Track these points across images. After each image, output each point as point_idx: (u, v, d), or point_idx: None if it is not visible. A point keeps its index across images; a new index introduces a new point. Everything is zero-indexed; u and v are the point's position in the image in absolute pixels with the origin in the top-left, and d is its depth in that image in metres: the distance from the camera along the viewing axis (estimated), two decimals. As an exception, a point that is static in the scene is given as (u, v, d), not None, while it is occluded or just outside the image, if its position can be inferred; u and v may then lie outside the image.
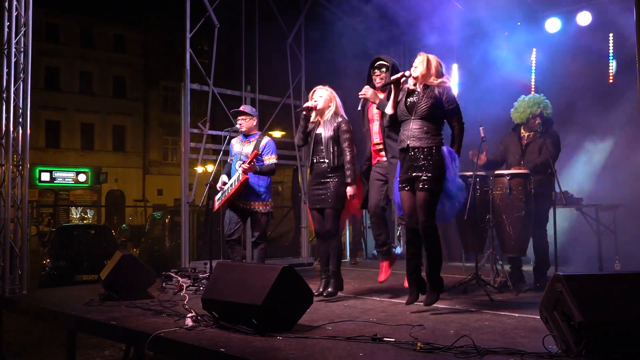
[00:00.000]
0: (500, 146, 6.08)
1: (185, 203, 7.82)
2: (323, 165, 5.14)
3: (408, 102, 4.39)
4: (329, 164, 5.10)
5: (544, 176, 5.60)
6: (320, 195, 5.12)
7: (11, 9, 6.21)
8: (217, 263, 4.35)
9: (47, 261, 12.34)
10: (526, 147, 5.85)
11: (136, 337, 3.99)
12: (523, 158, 5.81)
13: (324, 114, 5.23)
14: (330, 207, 5.07)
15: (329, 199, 5.08)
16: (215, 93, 8.21)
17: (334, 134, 5.12)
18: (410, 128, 4.33)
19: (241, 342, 3.46)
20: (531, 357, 3.00)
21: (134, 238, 15.91)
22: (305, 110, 5.25)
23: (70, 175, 28.15)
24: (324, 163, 5.14)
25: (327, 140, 5.12)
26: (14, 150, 6.22)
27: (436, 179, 4.23)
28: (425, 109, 4.30)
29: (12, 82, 6.19)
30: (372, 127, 5.20)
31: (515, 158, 5.86)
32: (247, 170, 5.54)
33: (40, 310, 5.34)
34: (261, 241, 5.81)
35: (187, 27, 7.86)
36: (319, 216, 5.20)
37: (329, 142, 5.12)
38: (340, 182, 5.09)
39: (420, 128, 4.30)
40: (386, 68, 5.11)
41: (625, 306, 2.95)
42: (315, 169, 5.22)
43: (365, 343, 3.39)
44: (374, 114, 5.16)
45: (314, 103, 5.23)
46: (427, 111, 4.30)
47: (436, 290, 4.36)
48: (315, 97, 5.26)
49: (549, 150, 5.54)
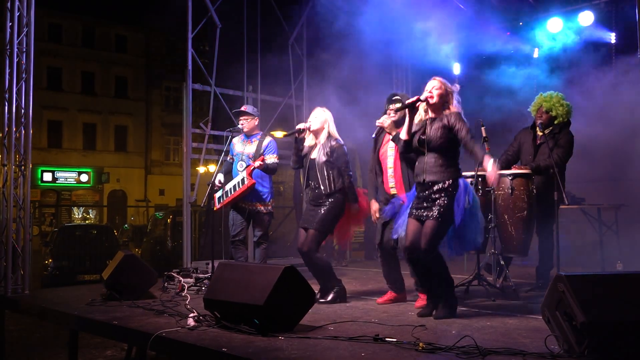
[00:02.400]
0: (515, 143, 5.97)
1: (187, 203, 7.82)
2: (317, 191, 5.10)
3: (420, 138, 4.32)
4: (324, 190, 5.05)
5: (547, 176, 5.57)
6: (310, 216, 5.09)
7: (13, 9, 6.21)
8: (219, 263, 4.35)
9: (49, 261, 12.37)
10: (539, 147, 5.77)
11: (138, 337, 4.00)
12: (534, 158, 5.75)
13: (319, 135, 5.18)
14: (314, 229, 5.00)
15: (316, 219, 5.02)
16: (217, 93, 8.21)
17: (327, 159, 5.06)
18: (425, 162, 4.27)
19: (243, 342, 3.47)
20: (533, 358, 3.00)
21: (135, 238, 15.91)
22: (297, 132, 5.20)
23: (73, 175, 28.20)
24: (318, 188, 5.09)
25: (322, 165, 5.07)
26: (16, 150, 6.22)
27: (449, 210, 4.14)
28: (437, 142, 4.21)
29: (15, 82, 6.19)
30: (387, 162, 4.99)
31: (529, 158, 5.77)
32: (259, 168, 5.57)
33: (42, 310, 5.34)
34: (263, 241, 5.83)
35: (189, 28, 7.86)
36: (304, 234, 5.12)
37: (324, 168, 5.06)
38: (335, 205, 5.04)
39: (435, 161, 4.23)
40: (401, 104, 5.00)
41: (627, 306, 2.95)
42: (311, 193, 5.19)
43: (367, 343, 3.40)
44: (389, 148, 4.99)
45: (307, 124, 5.19)
46: (438, 144, 4.21)
47: (448, 305, 4.27)
48: (311, 118, 5.21)
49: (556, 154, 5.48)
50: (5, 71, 6.17)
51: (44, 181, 27.23)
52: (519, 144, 5.94)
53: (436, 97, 4.27)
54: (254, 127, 6.00)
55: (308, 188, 5.23)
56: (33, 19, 6.33)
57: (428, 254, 4.15)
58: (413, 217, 4.28)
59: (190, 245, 7.84)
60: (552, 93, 5.77)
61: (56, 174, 27.63)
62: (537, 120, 5.74)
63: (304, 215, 5.26)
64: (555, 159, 5.42)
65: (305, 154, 5.25)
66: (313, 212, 5.09)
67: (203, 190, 6.36)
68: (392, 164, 4.99)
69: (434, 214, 4.13)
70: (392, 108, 4.97)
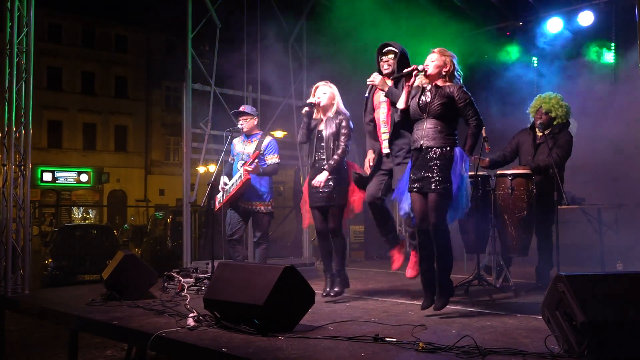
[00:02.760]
0: (513, 141, 5.98)
1: (187, 203, 7.83)
2: (324, 163, 5.10)
3: (420, 102, 4.31)
4: (329, 161, 5.06)
5: (547, 176, 5.58)
6: (322, 194, 5.07)
7: (13, 9, 6.22)
8: (218, 263, 4.35)
9: (49, 261, 12.36)
10: (537, 147, 5.78)
11: (138, 337, 4.00)
12: (534, 158, 5.76)
13: (327, 111, 5.19)
14: (335, 205, 5.04)
15: (332, 196, 5.04)
16: (217, 93, 8.21)
17: (335, 131, 5.09)
18: (424, 127, 4.26)
19: (243, 342, 3.47)
20: (533, 357, 3.00)
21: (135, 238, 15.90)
22: (309, 106, 5.19)
23: (72, 175, 28.20)
24: (324, 160, 5.10)
25: (329, 137, 5.10)
26: (16, 150, 6.22)
27: (448, 179, 4.16)
28: (438, 108, 4.22)
29: (15, 82, 6.19)
30: (380, 115, 5.00)
31: (527, 159, 5.79)
32: (251, 172, 5.56)
33: (42, 310, 5.35)
34: (263, 241, 5.82)
35: (189, 28, 7.87)
36: (320, 215, 5.16)
37: (330, 140, 5.09)
38: (341, 179, 5.07)
39: (434, 127, 4.23)
40: (394, 54, 4.91)
41: (627, 306, 2.95)
42: (316, 167, 5.17)
43: (367, 343, 3.39)
44: (380, 102, 4.99)
45: (317, 99, 5.17)
46: (439, 110, 4.22)
47: (446, 294, 4.29)
48: (319, 94, 5.19)
49: (555, 154, 5.50)
50: (5, 71, 6.17)
51: (44, 181, 27.22)
52: (517, 143, 5.95)
53: (432, 68, 4.28)
54: (253, 127, 6.00)
55: (313, 161, 5.19)
56: (33, 19, 6.33)
57: (438, 227, 4.19)
58: (415, 191, 4.28)
59: (190, 245, 7.84)
60: (550, 94, 5.79)
61: (56, 174, 27.63)
62: (537, 121, 5.75)
63: (312, 195, 5.18)
64: (555, 158, 5.43)
65: (313, 127, 5.24)
66: (324, 189, 5.05)
67: (203, 190, 6.37)
68: (385, 118, 4.96)
69: (435, 186, 4.15)
70: (385, 60, 4.94)
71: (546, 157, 5.53)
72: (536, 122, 5.76)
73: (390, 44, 4.98)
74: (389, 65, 4.92)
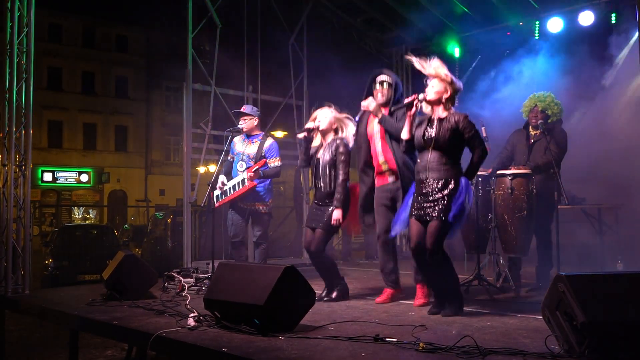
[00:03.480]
0: (508, 146, 6.01)
1: (188, 203, 7.83)
2: (322, 190, 5.13)
3: (425, 134, 4.28)
4: (325, 189, 5.09)
5: (547, 176, 5.59)
6: (317, 216, 5.12)
7: (13, 9, 6.21)
8: (219, 263, 4.35)
9: (50, 261, 12.36)
10: (532, 146, 5.80)
11: (138, 337, 4.00)
12: (529, 157, 5.78)
13: (326, 135, 5.18)
14: (322, 228, 5.04)
15: (323, 220, 5.05)
16: (217, 93, 8.21)
17: (331, 158, 5.07)
18: (428, 159, 4.25)
19: (243, 342, 3.47)
20: (533, 358, 3.00)
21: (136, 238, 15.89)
22: (307, 131, 5.18)
23: (73, 176, 28.20)
24: (323, 188, 5.12)
25: (325, 165, 5.10)
26: (17, 150, 6.22)
27: (450, 209, 4.13)
28: (444, 141, 4.20)
29: (15, 82, 6.19)
30: (375, 146, 5.00)
31: (522, 158, 5.81)
32: (252, 178, 5.59)
33: (42, 310, 5.35)
34: (263, 241, 5.83)
35: (189, 28, 7.87)
36: (311, 234, 5.16)
37: (326, 168, 5.09)
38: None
39: (439, 160, 4.21)
40: (388, 84, 4.95)
41: (627, 306, 2.95)
42: (316, 193, 5.24)
43: (367, 343, 3.39)
44: (375, 132, 4.99)
45: (315, 124, 5.16)
46: (446, 143, 4.20)
47: (455, 304, 4.30)
48: (319, 118, 5.17)
49: (552, 151, 5.52)
50: (6, 71, 6.16)
51: (44, 181, 27.23)
52: (512, 145, 5.98)
53: (433, 94, 4.27)
54: (254, 127, 6.00)
55: (315, 187, 5.24)
56: (33, 19, 6.33)
57: (434, 254, 4.15)
58: (415, 218, 4.28)
59: (190, 245, 7.84)
60: (544, 93, 5.85)
61: (56, 174, 27.64)
62: (532, 120, 5.79)
63: (309, 214, 5.28)
64: (553, 156, 5.45)
65: (313, 154, 5.24)
66: (319, 212, 5.12)
67: (203, 190, 6.37)
68: (380, 141, 4.96)
69: (437, 214, 4.13)
70: (379, 89, 4.95)
71: (543, 155, 5.57)
72: (531, 121, 5.81)
73: (385, 73, 5.03)
74: (382, 94, 4.95)
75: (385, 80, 4.97)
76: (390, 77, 5.00)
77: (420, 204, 4.25)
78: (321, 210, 5.12)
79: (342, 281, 5.22)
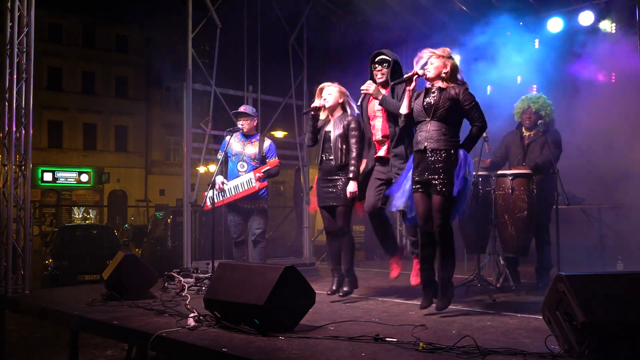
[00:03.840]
0: (502, 146, 6.05)
1: (188, 203, 7.83)
2: (331, 164, 5.06)
3: (425, 103, 4.30)
4: (336, 162, 5.01)
5: (547, 176, 5.60)
6: (330, 193, 5.04)
7: (13, 9, 6.21)
8: (219, 263, 4.35)
9: (50, 261, 12.36)
10: (528, 146, 5.83)
11: (138, 337, 4.00)
12: (525, 158, 5.80)
13: (334, 111, 5.13)
14: (342, 205, 4.99)
15: (340, 196, 4.99)
16: (217, 93, 8.21)
17: (343, 132, 5.02)
18: (428, 129, 4.26)
19: (243, 342, 3.47)
20: (533, 358, 3.00)
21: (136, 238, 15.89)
22: (314, 110, 5.14)
23: (73, 176, 28.20)
24: (332, 161, 5.06)
25: (336, 138, 5.02)
26: (17, 150, 6.22)
27: (451, 181, 4.17)
28: (443, 110, 4.22)
29: (15, 83, 6.19)
30: (375, 124, 5.02)
31: (517, 158, 5.85)
32: (261, 179, 5.61)
33: (42, 310, 5.35)
34: (261, 239, 5.85)
35: (189, 28, 7.86)
36: (328, 214, 5.13)
37: (338, 140, 5.01)
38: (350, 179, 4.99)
39: (439, 130, 4.23)
40: (388, 63, 4.94)
41: (627, 306, 2.95)
42: (323, 167, 5.14)
43: (367, 343, 3.40)
44: (375, 110, 5.00)
45: (322, 102, 5.12)
46: (445, 113, 4.23)
47: (448, 294, 4.32)
48: (324, 95, 5.12)
49: (550, 150, 5.53)
50: (6, 71, 6.16)
51: (44, 181, 27.23)
52: (505, 146, 6.01)
53: (432, 70, 4.30)
54: (252, 128, 6.03)
55: (320, 160, 5.14)
56: (33, 19, 6.32)
57: (444, 228, 4.21)
58: (419, 192, 4.29)
59: (190, 245, 7.84)
60: (536, 95, 5.94)
61: (56, 174, 27.63)
62: (526, 122, 5.85)
63: (320, 193, 5.15)
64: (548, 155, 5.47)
65: (320, 128, 5.18)
66: (332, 189, 5.03)
67: (203, 190, 6.38)
68: (380, 126, 4.97)
69: (441, 188, 4.17)
70: (379, 69, 4.95)
71: (538, 156, 5.62)
72: (524, 122, 5.85)
73: (384, 52, 5.02)
74: (382, 74, 4.95)
75: (385, 59, 4.96)
76: (389, 55, 4.98)
77: (421, 177, 4.26)
78: (333, 185, 5.03)
79: (354, 272, 5.16)
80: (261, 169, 5.69)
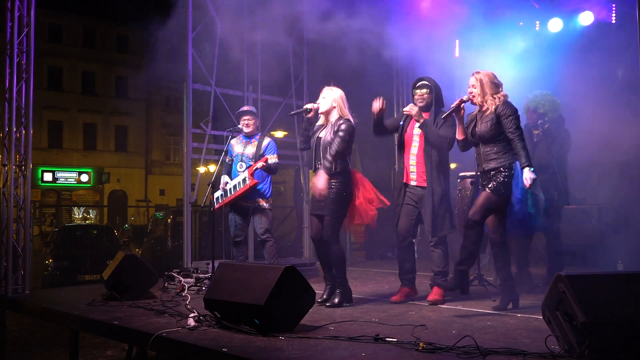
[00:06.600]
0: None
1: (188, 203, 7.83)
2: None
3: (472, 131, 4.55)
4: (326, 170, 4.79)
5: (549, 175, 5.59)
6: (320, 203, 4.86)
7: (13, 9, 6.21)
8: (219, 263, 4.35)
9: (50, 261, 12.36)
10: (535, 146, 5.79)
11: (139, 337, 4.00)
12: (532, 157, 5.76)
13: (329, 115, 4.99)
14: (330, 215, 4.80)
15: (328, 206, 4.81)
16: (218, 93, 8.21)
17: (332, 138, 4.85)
18: (482, 152, 4.53)
19: (243, 342, 3.47)
20: (534, 358, 3.00)
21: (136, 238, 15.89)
22: (304, 111, 5.04)
23: (73, 176, 28.22)
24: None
25: (326, 144, 4.85)
26: (17, 150, 6.22)
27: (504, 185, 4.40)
28: (486, 133, 4.45)
29: (15, 83, 6.19)
30: (412, 149, 5.06)
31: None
32: (262, 167, 5.58)
33: (43, 310, 5.35)
34: (269, 238, 5.82)
35: (189, 27, 7.87)
36: (317, 222, 4.95)
37: (328, 147, 4.83)
38: (341, 188, 4.81)
39: (491, 150, 4.48)
40: (428, 89, 5.04)
41: (628, 306, 2.95)
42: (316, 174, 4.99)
43: (367, 343, 3.40)
44: (414, 134, 5.05)
45: (315, 105, 5.01)
46: (488, 135, 4.45)
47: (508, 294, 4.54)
48: (319, 98, 5.04)
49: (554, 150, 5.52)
50: (6, 71, 6.17)
51: (44, 181, 27.25)
52: None
53: (477, 95, 4.52)
54: (254, 128, 6.03)
55: (314, 167, 4.99)
56: (33, 19, 6.33)
57: (473, 222, 4.40)
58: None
59: (190, 245, 7.84)
60: (542, 92, 5.87)
61: (56, 174, 27.65)
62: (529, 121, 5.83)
63: (312, 202, 5.08)
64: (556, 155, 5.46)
65: (314, 133, 5.05)
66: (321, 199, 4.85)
67: (203, 190, 6.38)
68: (416, 152, 5.03)
69: (489, 186, 4.41)
70: (420, 94, 5.08)
71: (544, 156, 5.58)
72: (529, 122, 5.82)
73: (424, 79, 5.14)
74: (422, 99, 5.06)
75: (425, 84, 5.09)
76: (429, 81, 5.11)
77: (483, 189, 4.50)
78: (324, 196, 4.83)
79: (346, 284, 4.94)
80: (252, 167, 5.67)
